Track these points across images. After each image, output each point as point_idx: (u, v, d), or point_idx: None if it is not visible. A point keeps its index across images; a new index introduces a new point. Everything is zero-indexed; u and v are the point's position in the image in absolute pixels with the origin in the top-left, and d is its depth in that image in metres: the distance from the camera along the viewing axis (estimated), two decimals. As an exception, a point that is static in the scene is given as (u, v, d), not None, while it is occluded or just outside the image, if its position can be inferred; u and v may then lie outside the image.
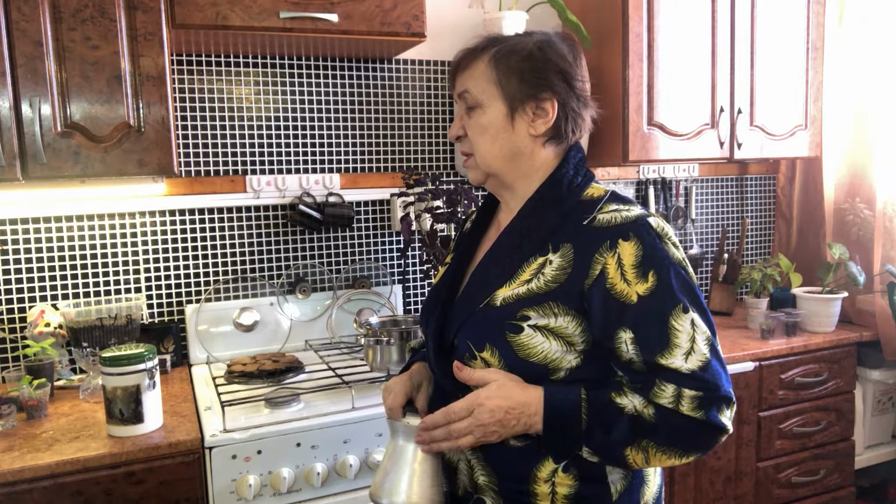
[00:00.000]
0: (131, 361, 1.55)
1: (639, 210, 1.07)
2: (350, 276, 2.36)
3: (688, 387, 0.99)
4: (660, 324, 1.01)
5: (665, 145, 2.30)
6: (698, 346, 1.01)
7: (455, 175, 2.48)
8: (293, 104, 2.24)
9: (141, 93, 1.71)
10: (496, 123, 1.12)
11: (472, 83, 1.14)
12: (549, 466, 1.07)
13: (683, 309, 1.01)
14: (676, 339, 1.01)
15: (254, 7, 1.79)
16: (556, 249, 1.08)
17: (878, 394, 2.52)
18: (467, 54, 1.16)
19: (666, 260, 1.03)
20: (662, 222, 1.07)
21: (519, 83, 1.11)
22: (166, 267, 2.14)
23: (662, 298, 1.02)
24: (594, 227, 1.07)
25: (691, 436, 1.00)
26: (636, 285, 1.02)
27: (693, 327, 1.01)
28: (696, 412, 0.99)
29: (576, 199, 1.12)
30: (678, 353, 1.00)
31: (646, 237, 1.04)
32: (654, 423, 0.99)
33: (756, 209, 3.01)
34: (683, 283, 1.03)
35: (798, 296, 2.47)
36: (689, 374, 0.99)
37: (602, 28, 2.29)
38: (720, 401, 1.00)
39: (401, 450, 1.10)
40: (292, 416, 1.67)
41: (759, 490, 2.28)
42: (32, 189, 1.94)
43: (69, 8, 1.63)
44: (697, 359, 1.00)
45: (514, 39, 1.14)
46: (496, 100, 1.12)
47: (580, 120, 1.15)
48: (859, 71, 2.58)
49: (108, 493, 1.49)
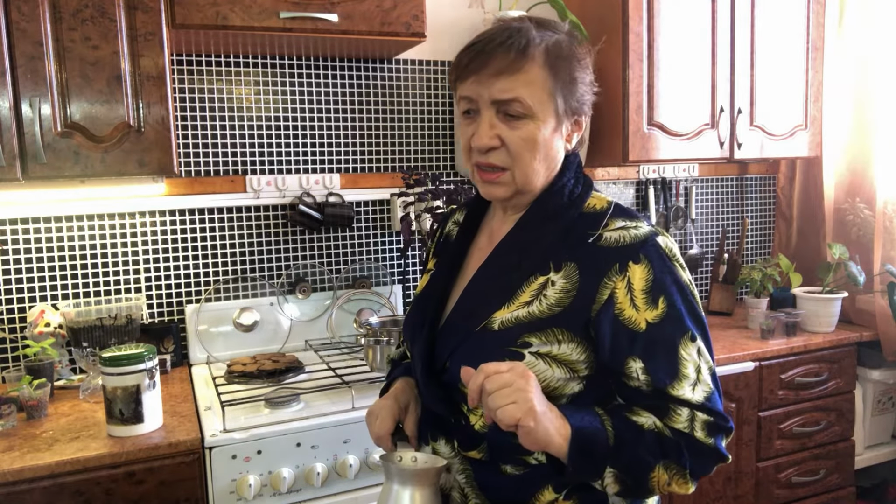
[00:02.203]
0: (131, 361, 1.55)
1: (646, 227, 1.01)
2: (350, 276, 2.36)
3: (700, 412, 0.97)
4: (669, 353, 0.97)
5: (665, 145, 2.30)
6: (703, 377, 0.98)
7: (455, 175, 2.47)
8: (293, 104, 2.24)
9: (141, 93, 1.71)
10: (549, 140, 1.02)
11: (527, 91, 0.99)
12: (550, 495, 1.00)
13: (691, 338, 0.98)
14: (685, 370, 0.97)
15: (254, 7, 1.79)
16: (559, 268, 1.00)
17: (878, 394, 2.52)
18: (514, 51, 0.98)
19: (676, 285, 0.98)
20: (670, 241, 1.02)
21: (569, 100, 1.02)
22: (166, 267, 2.14)
23: (672, 326, 0.97)
24: (601, 246, 1.00)
25: (702, 460, 0.97)
26: (645, 312, 0.97)
27: (699, 356, 0.98)
28: (707, 438, 0.96)
29: (577, 210, 1.04)
30: (686, 383, 0.97)
31: (656, 260, 0.98)
32: (678, 443, 0.95)
33: (756, 209, 3.00)
34: (690, 309, 0.99)
35: (798, 296, 2.47)
36: (699, 405, 0.97)
37: (602, 28, 2.29)
38: (724, 430, 0.98)
39: (396, 495, 0.99)
40: (292, 416, 1.67)
41: (759, 490, 2.28)
42: (32, 189, 1.94)
43: (69, 8, 1.63)
44: (703, 390, 0.98)
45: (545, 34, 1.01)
46: (552, 113, 1.01)
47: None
48: (859, 71, 2.58)
49: (108, 493, 1.49)
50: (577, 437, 0.91)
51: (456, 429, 1.05)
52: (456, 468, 1.05)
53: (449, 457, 1.05)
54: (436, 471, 1.00)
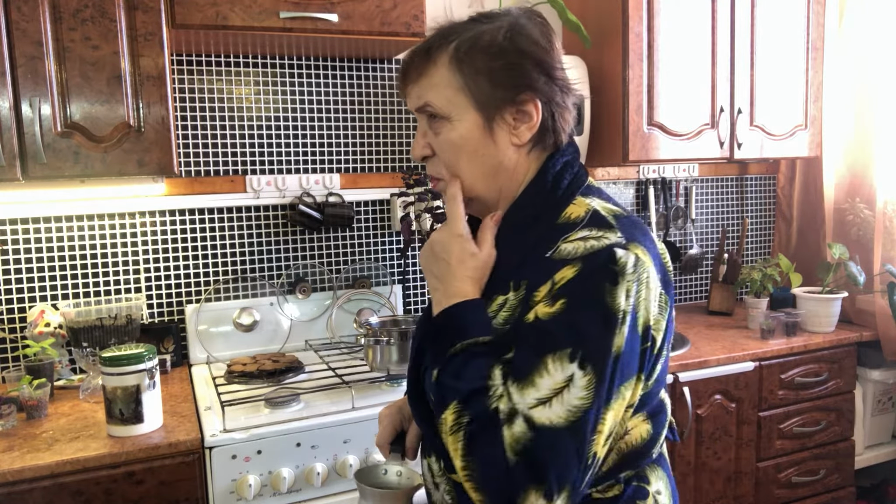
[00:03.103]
0: (131, 361, 1.55)
1: (613, 240, 0.86)
2: (350, 276, 2.36)
3: (523, 424, 0.80)
4: (533, 354, 0.83)
5: (665, 145, 2.30)
6: (556, 406, 0.80)
7: (455, 175, 2.47)
8: (293, 104, 2.24)
9: (141, 93, 1.71)
10: (472, 138, 0.93)
11: (433, 93, 0.94)
12: None
13: (570, 356, 0.81)
14: (539, 379, 0.81)
15: (254, 7, 1.79)
16: (517, 287, 0.90)
17: (878, 394, 2.52)
18: (419, 58, 0.95)
19: (593, 299, 0.83)
20: (635, 260, 0.85)
21: (491, 86, 0.91)
22: (166, 267, 2.14)
23: (556, 331, 0.82)
24: (553, 259, 0.87)
25: (490, 466, 0.80)
26: (542, 306, 0.85)
27: (568, 383, 0.80)
28: (510, 450, 0.79)
29: (551, 222, 0.92)
30: (531, 393, 0.81)
31: (591, 267, 0.84)
32: (486, 412, 0.82)
33: (756, 209, 3.01)
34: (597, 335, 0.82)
35: (798, 296, 2.47)
36: (526, 418, 0.80)
37: (602, 28, 2.29)
38: (537, 479, 0.78)
39: None
40: (292, 416, 1.67)
41: (759, 490, 2.28)
42: (32, 189, 1.94)
43: (69, 8, 1.63)
44: (546, 416, 0.79)
45: (473, 28, 0.94)
46: (467, 110, 0.93)
47: (567, 113, 0.96)
48: (859, 71, 2.58)
49: (108, 493, 1.49)
50: (448, 312, 0.91)
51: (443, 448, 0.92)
52: (444, 487, 0.99)
53: (438, 475, 1.00)
54: (402, 494, 1.00)
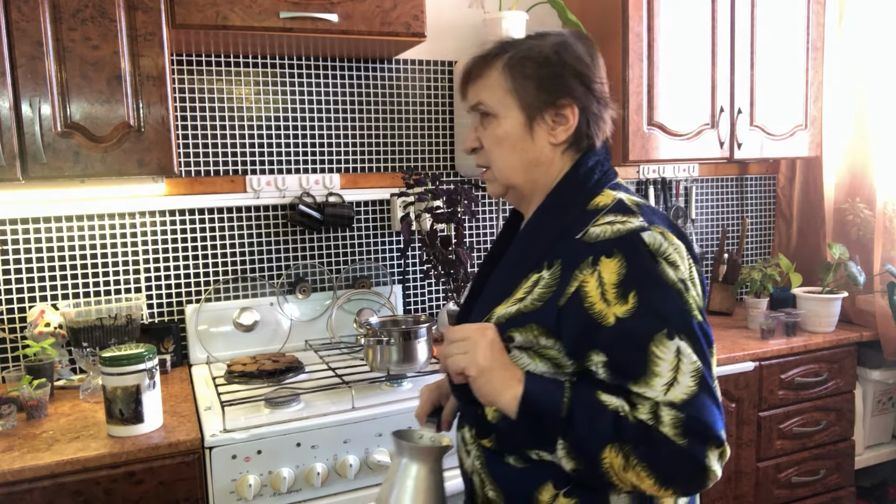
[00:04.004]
0: (131, 361, 1.55)
1: (637, 223, 0.99)
2: (350, 276, 2.36)
3: (667, 408, 0.91)
4: (637, 350, 0.93)
5: (665, 145, 2.30)
6: (683, 378, 0.91)
7: (455, 175, 2.47)
8: (293, 104, 2.24)
9: (141, 93, 1.71)
10: (514, 134, 1.09)
11: (486, 93, 1.10)
12: (550, 490, 1.02)
13: (668, 335, 0.93)
14: (656, 367, 0.92)
15: (254, 7, 1.79)
16: (551, 266, 1.02)
17: (878, 394, 2.52)
18: (478, 62, 1.11)
19: (652, 280, 0.95)
20: (662, 238, 0.98)
21: (536, 90, 1.07)
22: (166, 267, 2.14)
23: (642, 322, 0.93)
24: (584, 241, 1.00)
25: (672, 462, 0.90)
26: (615, 306, 0.94)
27: (678, 356, 0.92)
28: (678, 437, 0.89)
29: (582, 208, 1.06)
30: (657, 382, 0.91)
31: (632, 254, 0.96)
32: (636, 429, 0.91)
33: (756, 209, 3.01)
34: (674, 308, 0.94)
35: (798, 296, 2.47)
36: (668, 404, 0.91)
37: (602, 28, 2.29)
38: (706, 437, 0.90)
39: (405, 467, 1.12)
40: (292, 416, 1.67)
41: (759, 490, 2.28)
42: (32, 189, 1.94)
43: (69, 8, 1.63)
44: (681, 392, 0.91)
45: (527, 43, 1.09)
46: (513, 109, 1.08)
47: (601, 123, 1.11)
48: (859, 71, 2.58)
49: (108, 493, 1.49)
50: (526, 400, 0.96)
51: (474, 417, 1.10)
52: (474, 454, 1.12)
53: (470, 444, 1.12)
54: (434, 450, 1.11)
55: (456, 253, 2.21)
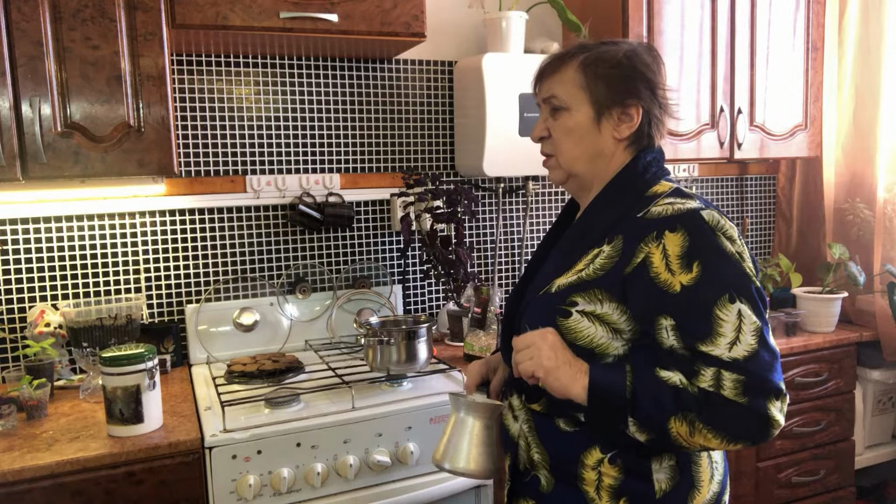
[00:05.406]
0: (131, 361, 1.55)
1: (695, 204, 1.09)
2: (350, 276, 2.36)
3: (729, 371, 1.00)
4: (703, 313, 1.02)
5: (665, 145, 2.29)
6: (745, 337, 1.01)
7: (455, 175, 2.48)
8: (293, 104, 2.24)
9: (141, 93, 1.70)
10: (583, 126, 1.18)
11: (560, 88, 1.19)
12: (596, 455, 1.12)
13: (730, 299, 1.02)
14: (721, 329, 1.01)
15: (254, 7, 1.79)
16: (611, 241, 1.12)
17: (878, 394, 2.52)
18: (555, 60, 1.21)
19: (714, 251, 1.04)
20: (719, 216, 1.08)
21: (607, 89, 1.16)
22: (166, 267, 2.14)
23: (707, 288, 1.03)
24: (645, 218, 1.10)
25: (736, 420, 1.00)
26: (680, 275, 1.04)
27: (740, 318, 1.02)
28: (739, 397, 0.99)
29: (640, 195, 1.15)
30: (722, 342, 1.01)
31: (693, 229, 1.05)
32: (697, 398, 1.00)
33: (756, 209, 3.01)
34: (734, 274, 1.04)
35: (798, 296, 2.47)
36: (731, 361, 1.00)
37: (602, 28, 2.29)
38: (766, 390, 1.00)
39: (461, 421, 1.22)
40: (292, 416, 1.67)
41: (759, 490, 2.28)
42: (32, 189, 1.94)
43: (69, 8, 1.63)
44: (743, 349, 1.01)
45: (602, 48, 1.19)
46: (583, 104, 1.17)
47: (661, 126, 1.21)
48: (859, 71, 2.58)
49: (108, 493, 1.49)
50: (593, 388, 1.06)
51: (524, 383, 1.18)
52: (522, 419, 1.22)
53: (519, 409, 1.22)
54: (490, 406, 1.22)
55: (456, 253, 2.21)
